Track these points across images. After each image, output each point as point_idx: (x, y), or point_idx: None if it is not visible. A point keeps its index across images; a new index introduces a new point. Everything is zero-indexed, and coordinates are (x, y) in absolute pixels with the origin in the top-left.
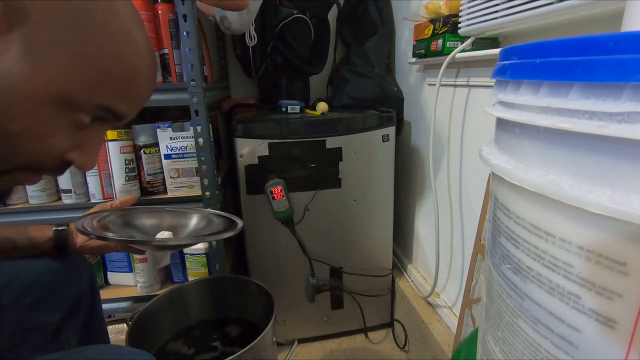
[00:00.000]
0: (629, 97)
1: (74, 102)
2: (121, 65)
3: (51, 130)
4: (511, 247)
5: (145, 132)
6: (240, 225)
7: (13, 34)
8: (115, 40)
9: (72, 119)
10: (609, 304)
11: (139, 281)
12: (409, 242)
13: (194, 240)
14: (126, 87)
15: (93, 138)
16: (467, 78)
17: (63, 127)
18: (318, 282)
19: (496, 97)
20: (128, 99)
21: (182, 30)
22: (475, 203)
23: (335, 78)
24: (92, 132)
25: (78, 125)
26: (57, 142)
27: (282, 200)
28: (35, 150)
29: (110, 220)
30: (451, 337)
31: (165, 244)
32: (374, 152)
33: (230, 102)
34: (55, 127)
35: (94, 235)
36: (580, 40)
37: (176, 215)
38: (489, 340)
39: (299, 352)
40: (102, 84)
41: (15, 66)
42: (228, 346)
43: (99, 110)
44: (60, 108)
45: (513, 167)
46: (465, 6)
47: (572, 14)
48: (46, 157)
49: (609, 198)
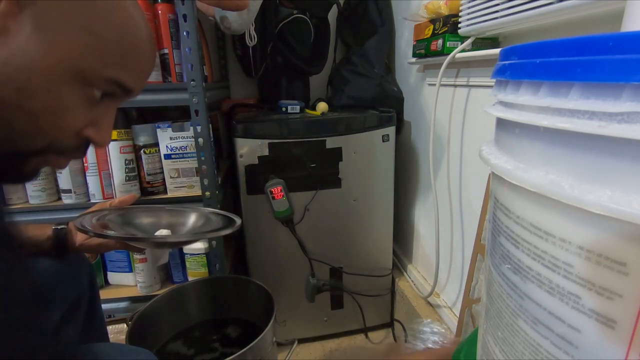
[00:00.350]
0: (629, 97)
1: (87, 76)
2: (126, 37)
3: (68, 105)
4: (511, 247)
5: (145, 132)
6: (239, 223)
7: (24, 15)
8: (117, 13)
9: (85, 93)
10: (609, 304)
11: (139, 281)
12: (409, 242)
13: (192, 238)
14: (132, 59)
15: (106, 114)
16: (467, 78)
17: (78, 103)
18: (318, 282)
19: (496, 97)
20: (134, 71)
21: (182, 30)
22: (475, 203)
23: (335, 78)
24: (104, 107)
25: (91, 100)
26: (74, 118)
27: (282, 200)
28: (54, 127)
29: (109, 219)
30: (451, 337)
31: (164, 241)
32: (374, 152)
33: (230, 102)
34: (71, 102)
35: (93, 233)
36: (580, 40)
37: (174, 214)
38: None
39: (299, 352)
40: (111, 56)
41: (31, 44)
42: (228, 346)
43: (109, 84)
44: (74, 83)
45: (513, 167)
46: (465, 6)
47: (572, 14)
48: (65, 134)
49: (609, 198)
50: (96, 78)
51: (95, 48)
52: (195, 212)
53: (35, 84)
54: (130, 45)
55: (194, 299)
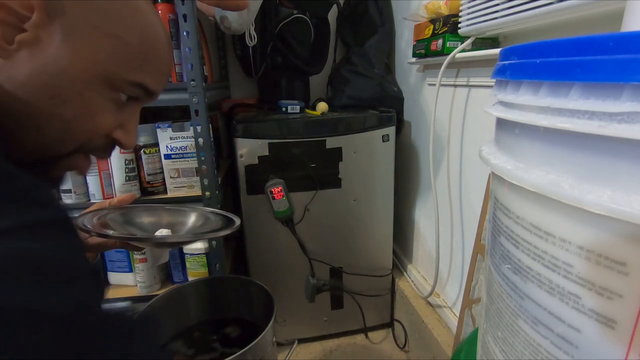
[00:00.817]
0: (629, 97)
1: (114, 81)
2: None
3: (98, 109)
4: (511, 247)
5: (145, 132)
6: (238, 223)
7: (54, 25)
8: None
9: (113, 97)
10: (609, 304)
11: (139, 281)
12: (409, 242)
13: (192, 238)
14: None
15: (131, 116)
16: (467, 78)
17: (107, 106)
18: (318, 282)
19: (496, 97)
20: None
21: (182, 30)
22: (475, 203)
23: (335, 78)
24: (130, 110)
25: (118, 103)
26: (104, 121)
27: (282, 200)
28: (85, 130)
29: (109, 218)
30: (451, 337)
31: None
32: (374, 152)
33: (230, 102)
34: (101, 106)
35: (94, 233)
36: (580, 40)
37: (174, 214)
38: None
39: (299, 352)
40: (134, 60)
41: (61, 53)
42: (228, 346)
43: (134, 87)
44: (103, 88)
45: (513, 167)
46: (465, 6)
47: (572, 14)
48: (95, 136)
49: (609, 198)
50: (122, 82)
51: (120, 53)
52: (195, 212)
53: (68, 90)
54: (152, 48)
55: (194, 299)
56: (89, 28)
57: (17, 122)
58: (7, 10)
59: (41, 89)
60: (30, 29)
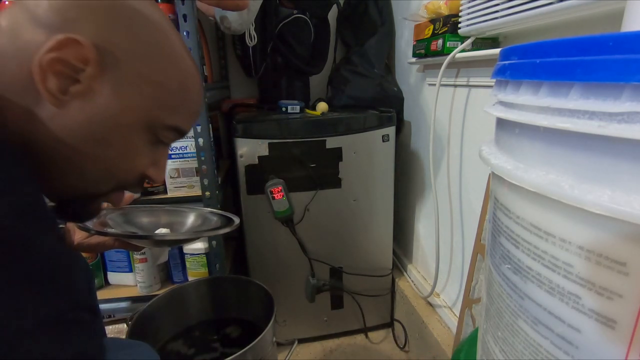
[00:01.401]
0: (629, 97)
1: (154, 125)
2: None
3: (137, 151)
4: (511, 247)
5: None
6: (237, 222)
7: (106, 76)
8: (178, 63)
9: (151, 139)
10: (609, 304)
11: (139, 281)
12: (409, 242)
13: (191, 236)
14: (188, 105)
15: (163, 154)
16: (467, 78)
17: (145, 148)
18: (318, 282)
19: (496, 97)
20: (190, 116)
21: (182, 30)
22: (475, 203)
23: (335, 78)
24: (162, 148)
25: (154, 144)
26: (141, 161)
27: (282, 200)
28: (124, 171)
29: (109, 218)
30: (451, 337)
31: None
32: (374, 152)
33: (230, 102)
34: (140, 148)
35: (94, 231)
36: (580, 40)
37: (173, 214)
38: (489, 340)
39: (299, 352)
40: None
41: (111, 102)
42: (228, 346)
43: (170, 130)
44: (144, 132)
45: (513, 167)
46: (465, 6)
47: (572, 14)
48: (132, 175)
49: (609, 198)
50: (161, 126)
51: (162, 99)
52: (194, 212)
53: (113, 136)
54: (188, 92)
55: (194, 299)
56: (137, 78)
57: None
58: (64, 63)
59: (89, 135)
60: (85, 81)
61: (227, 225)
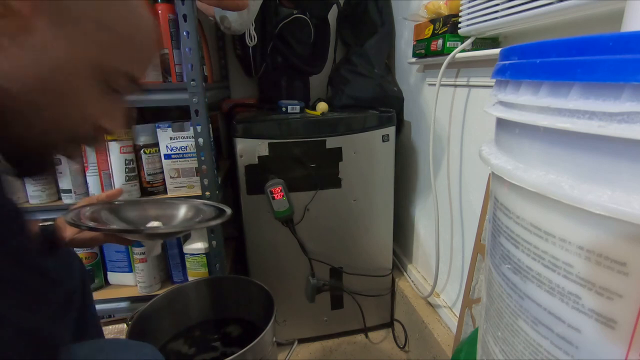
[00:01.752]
0: (629, 97)
1: (105, 72)
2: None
3: (87, 99)
4: (511, 247)
5: (146, 132)
6: (229, 213)
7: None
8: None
9: (102, 87)
10: (609, 304)
11: (139, 281)
12: (409, 242)
13: (183, 228)
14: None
15: (119, 105)
16: (467, 78)
17: (96, 96)
18: (318, 282)
19: (496, 97)
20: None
21: (182, 30)
22: (475, 203)
23: (335, 78)
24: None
25: (108, 93)
26: (93, 111)
27: (282, 200)
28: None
29: (100, 213)
30: (451, 337)
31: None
32: (374, 152)
33: (230, 102)
34: (90, 96)
35: (85, 227)
36: (580, 40)
37: (165, 207)
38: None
39: (299, 352)
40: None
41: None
42: (228, 346)
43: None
44: (94, 78)
45: (513, 167)
46: (465, 6)
47: (572, 14)
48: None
49: (609, 198)
50: (113, 73)
51: (113, 45)
52: (185, 204)
53: (64, 83)
54: (141, 39)
55: (194, 299)
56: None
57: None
58: None
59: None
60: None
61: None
